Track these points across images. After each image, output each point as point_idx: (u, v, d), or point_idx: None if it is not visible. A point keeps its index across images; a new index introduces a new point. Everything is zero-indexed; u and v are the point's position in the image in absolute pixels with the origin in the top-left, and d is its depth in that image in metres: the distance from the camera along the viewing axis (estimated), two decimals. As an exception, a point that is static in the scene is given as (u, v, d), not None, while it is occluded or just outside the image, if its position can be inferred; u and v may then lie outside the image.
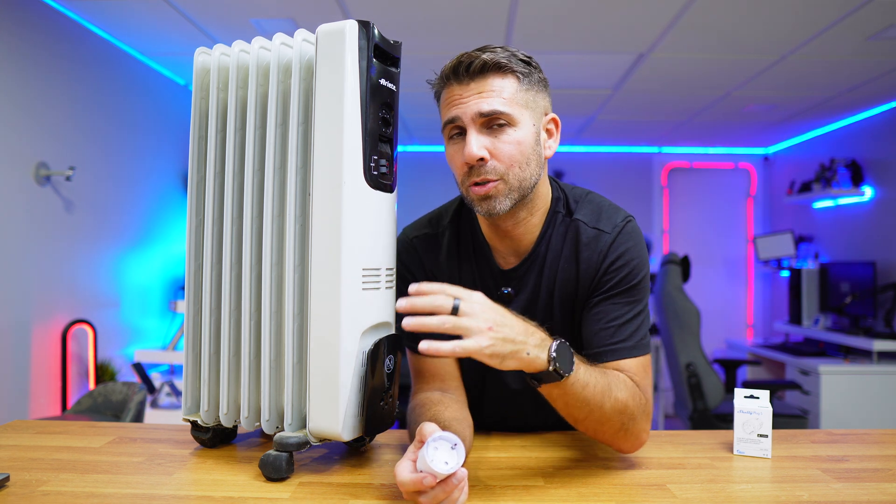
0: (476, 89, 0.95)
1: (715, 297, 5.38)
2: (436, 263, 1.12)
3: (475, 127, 0.95)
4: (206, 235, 0.98)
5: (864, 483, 0.87)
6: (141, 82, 3.29)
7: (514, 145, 0.95)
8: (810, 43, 2.84)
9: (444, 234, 1.12)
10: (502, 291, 1.08)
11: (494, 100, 0.94)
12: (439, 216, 1.15)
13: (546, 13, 2.60)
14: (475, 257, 1.10)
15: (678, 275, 3.11)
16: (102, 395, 2.25)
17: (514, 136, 0.95)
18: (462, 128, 0.97)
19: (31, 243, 2.49)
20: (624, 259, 1.01)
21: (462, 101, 0.96)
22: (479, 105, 0.94)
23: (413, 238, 1.13)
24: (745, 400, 1.02)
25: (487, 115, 0.94)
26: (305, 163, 0.90)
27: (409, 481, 0.75)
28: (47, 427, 1.14)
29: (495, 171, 0.95)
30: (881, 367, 3.53)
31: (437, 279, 1.10)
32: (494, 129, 0.95)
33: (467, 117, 0.95)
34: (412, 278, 1.11)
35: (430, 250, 1.12)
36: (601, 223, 1.04)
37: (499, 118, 0.95)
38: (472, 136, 0.94)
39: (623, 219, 1.04)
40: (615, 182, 5.36)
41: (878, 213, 3.95)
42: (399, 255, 1.12)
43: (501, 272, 1.08)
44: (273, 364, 0.91)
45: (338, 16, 2.62)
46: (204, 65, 1.00)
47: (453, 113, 0.96)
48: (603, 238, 1.02)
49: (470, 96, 0.95)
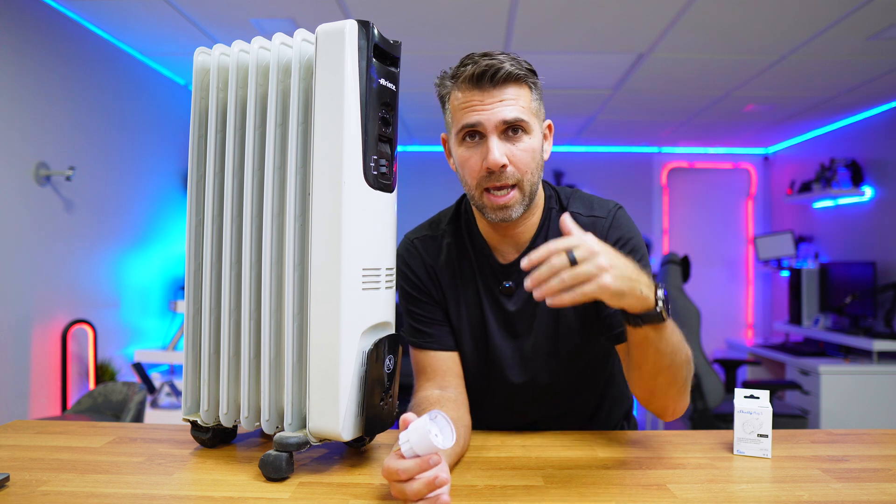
0: (498, 97, 0.99)
1: (715, 297, 5.38)
2: (437, 261, 1.15)
3: (497, 133, 0.99)
4: (206, 235, 0.98)
5: (864, 483, 0.87)
6: (141, 82, 3.29)
7: (529, 153, 1.01)
8: (810, 43, 2.84)
9: (443, 236, 1.16)
10: (504, 285, 1.11)
11: (516, 108, 0.99)
12: (438, 220, 1.20)
13: (546, 13, 2.60)
14: (475, 255, 1.14)
15: (678, 275, 3.11)
16: (102, 395, 2.25)
17: (528, 143, 1.01)
18: (480, 133, 1.00)
19: (31, 243, 2.49)
20: (623, 238, 1.07)
21: (484, 107, 0.99)
22: (504, 113, 0.98)
23: (414, 239, 1.18)
24: (745, 400, 1.02)
25: (511, 122, 0.98)
26: (305, 162, 0.90)
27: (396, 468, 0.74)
28: (47, 427, 1.14)
29: (513, 177, 1.00)
30: (881, 367, 3.53)
31: (438, 277, 1.14)
32: (510, 136, 1.00)
33: (491, 124, 0.98)
34: (414, 277, 1.14)
35: (430, 250, 1.16)
36: (595, 211, 1.11)
37: (519, 125, 0.99)
38: (494, 142, 0.98)
39: (614, 205, 1.12)
40: (615, 182, 5.36)
41: (878, 213, 3.95)
42: (401, 256, 1.17)
43: (501, 267, 1.12)
44: (273, 364, 0.91)
45: (338, 16, 2.62)
46: (203, 65, 1.00)
47: (474, 118, 0.99)
48: (600, 223, 1.09)
49: (493, 103, 0.98)
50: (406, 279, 1.15)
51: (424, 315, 1.13)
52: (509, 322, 1.12)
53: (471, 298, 1.13)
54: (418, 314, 1.13)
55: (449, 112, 1.05)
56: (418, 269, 1.14)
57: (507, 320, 1.12)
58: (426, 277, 1.14)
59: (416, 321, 1.13)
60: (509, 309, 1.11)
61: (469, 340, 1.14)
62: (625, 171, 5.44)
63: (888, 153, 3.89)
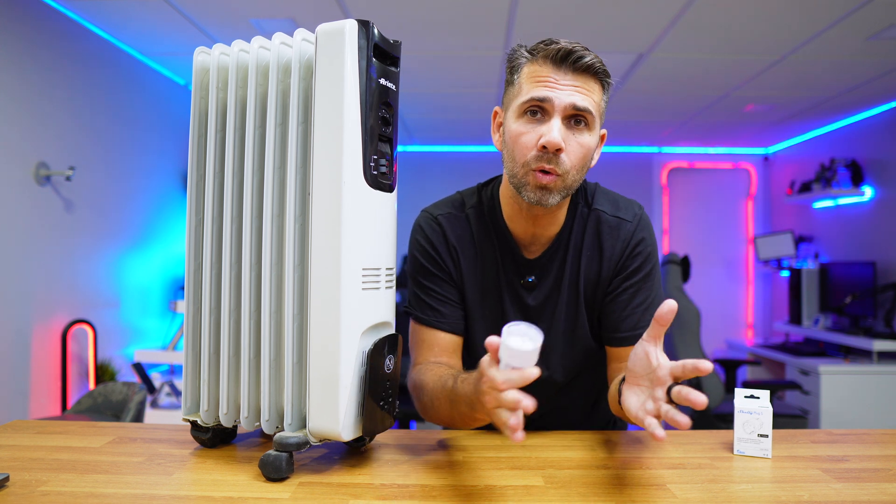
0: (574, 82, 0.97)
1: (715, 297, 5.38)
2: (461, 241, 1.12)
3: (561, 116, 0.97)
4: (206, 235, 0.98)
5: (865, 483, 0.87)
6: (141, 82, 3.29)
7: (584, 148, 0.99)
8: (810, 43, 2.84)
9: (467, 218, 1.13)
10: (526, 280, 1.11)
11: (588, 99, 0.97)
12: (461, 201, 1.16)
13: (546, 13, 2.60)
14: (498, 244, 1.12)
15: (678, 275, 3.11)
16: (102, 395, 2.25)
17: (586, 139, 0.99)
18: (545, 109, 0.97)
19: (31, 243, 2.49)
20: (643, 245, 1.10)
21: (559, 86, 0.96)
22: (575, 98, 0.96)
23: (438, 216, 1.14)
24: (745, 400, 1.02)
25: (580, 110, 0.96)
26: (305, 162, 0.90)
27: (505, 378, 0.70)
28: (47, 427, 1.14)
29: (562, 166, 0.97)
30: (881, 367, 3.53)
31: (460, 258, 1.12)
32: (573, 124, 0.98)
33: (561, 104, 0.96)
34: (433, 251, 1.11)
35: (455, 228, 1.13)
36: (621, 212, 1.12)
37: (585, 117, 0.97)
38: (556, 122, 0.96)
39: (639, 208, 1.14)
40: (615, 182, 5.30)
41: (878, 213, 3.95)
42: (420, 228, 1.13)
43: (525, 261, 1.11)
44: (273, 364, 0.91)
45: (338, 15, 2.62)
46: (203, 64, 1.00)
47: (545, 93, 0.96)
48: (625, 226, 1.10)
49: (567, 85, 0.96)
50: (424, 252, 1.12)
51: (439, 293, 1.11)
52: (528, 317, 1.12)
53: (491, 288, 1.12)
54: (432, 290, 1.11)
55: (517, 84, 1.01)
56: (440, 245, 1.11)
57: (526, 314, 1.12)
58: (447, 255, 1.11)
59: (428, 296, 1.11)
60: (530, 304, 1.11)
61: (483, 331, 1.12)
62: (625, 171, 5.44)
63: (888, 153, 3.89)
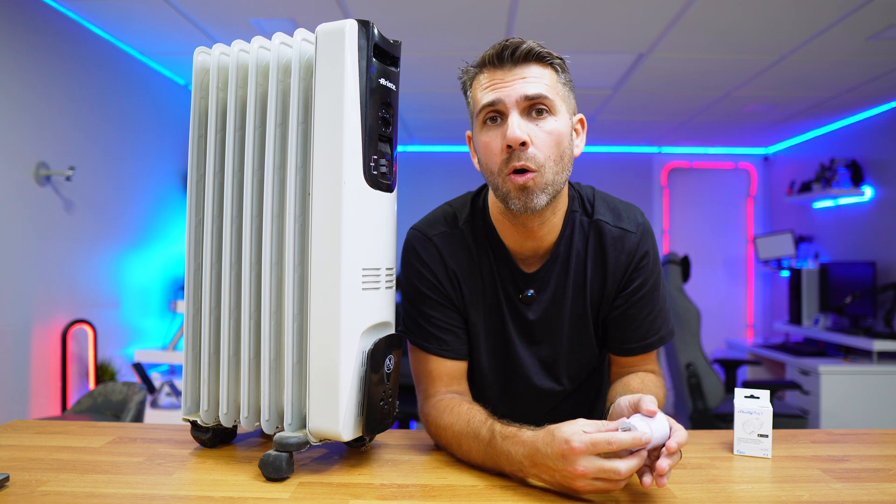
0: (520, 74, 0.94)
1: (715, 297, 5.38)
2: (459, 265, 1.08)
3: (518, 110, 0.94)
4: (206, 235, 0.98)
5: (865, 483, 0.87)
6: (141, 82, 3.29)
7: (553, 136, 0.94)
8: (810, 43, 2.84)
9: (462, 235, 1.09)
10: (525, 294, 1.08)
11: (538, 84, 0.94)
12: (453, 216, 1.10)
13: (546, 13, 2.60)
14: (494, 259, 1.08)
15: (678, 275, 3.11)
16: (102, 395, 2.24)
17: (553, 124, 0.95)
18: (501, 112, 0.95)
19: (31, 243, 2.49)
20: (648, 256, 1.08)
21: (505, 84, 0.94)
22: (525, 88, 0.93)
23: (433, 236, 1.08)
24: (745, 400, 1.02)
25: (532, 98, 0.93)
26: (305, 162, 0.90)
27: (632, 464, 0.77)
28: (47, 427, 1.14)
29: (535, 160, 0.93)
30: (881, 367, 3.53)
31: (460, 282, 1.07)
32: (534, 115, 0.95)
33: (511, 100, 0.93)
34: (433, 278, 1.06)
35: (451, 250, 1.08)
36: (623, 222, 1.08)
37: (541, 103, 0.94)
38: (514, 118, 0.93)
39: (640, 216, 1.10)
40: (615, 182, 5.36)
41: (878, 213, 3.95)
42: (415, 251, 1.08)
43: (524, 275, 1.07)
44: (273, 364, 0.91)
45: (338, 16, 2.62)
46: (203, 64, 1.00)
47: (494, 96, 0.94)
48: (629, 238, 1.07)
49: (514, 80, 0.94)
50: (422, 279, 1.06)
51: (442, 320, 1.06)
52: (530, 330, 1.09)
53: (492, 306, 1.09)
54: (434, 317, 1.06)
55: (471, 99, 1.00)
56: (439, 272, 1.06)
57: (527, 328, 1.09)
58: (447, 281, 1.07)
59: (431, 324, 1.06)
60: (530, 318, 1.08)
61: (487, 348, 1.10)
62: (625, 171, 5.44)
63: (888, 153, 3.89)
